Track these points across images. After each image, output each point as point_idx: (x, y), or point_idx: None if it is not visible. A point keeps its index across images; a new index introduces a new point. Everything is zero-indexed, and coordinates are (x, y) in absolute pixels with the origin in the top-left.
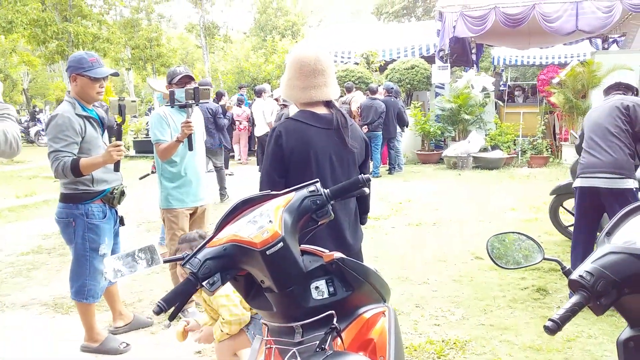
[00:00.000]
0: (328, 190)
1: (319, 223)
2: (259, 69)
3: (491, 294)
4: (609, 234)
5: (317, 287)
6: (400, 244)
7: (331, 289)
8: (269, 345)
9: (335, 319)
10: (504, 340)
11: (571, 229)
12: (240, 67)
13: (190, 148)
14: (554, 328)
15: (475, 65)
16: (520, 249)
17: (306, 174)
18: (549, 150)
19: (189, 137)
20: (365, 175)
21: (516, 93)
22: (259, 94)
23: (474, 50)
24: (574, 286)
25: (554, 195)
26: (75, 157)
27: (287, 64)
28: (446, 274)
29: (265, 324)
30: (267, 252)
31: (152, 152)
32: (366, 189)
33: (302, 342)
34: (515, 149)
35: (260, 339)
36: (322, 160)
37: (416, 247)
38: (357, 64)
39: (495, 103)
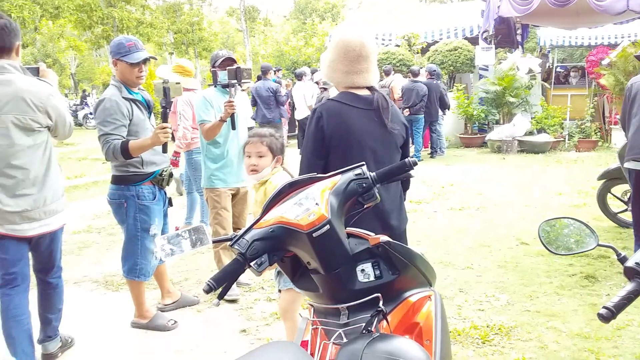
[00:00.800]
0: (374, 173)
1: (365, 206)
2: (299, 52)
3: (537, 280)
4: None
5: (363, 270)
6: (442, 228)
7: (377, 272)
8: (315, 326)
9: (381, 302)
10: (550, 327)
11: (620, 215)
12: (280, 50)
13: (233, 127)
14: (608, 316)
15: (520, 47)
16: (572, 234)
17: (348, 156)
18: (598, 133)
19: (232, 117)
20: (412, 159)
21: (572, 74)
22: (299, 77)
23: (519, 31)
24: (630, 274)
25: (602, 181)
26: (124, 139)
27: (331, 45)
28: (490, 259)
29: (311, 305)
30: (314, 235)
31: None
32: (412, 173)
33: (348, 324)
34: (562, 133)
35: (306, 320)
36: (364, 142)
37: (459, 232)
38: (398, 46)
39: (542, 85)
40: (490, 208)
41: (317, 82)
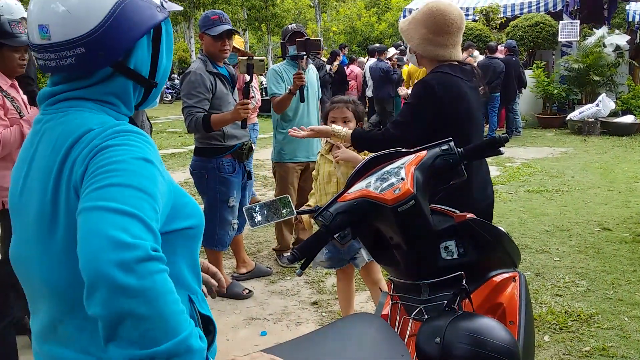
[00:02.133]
0: (462, 149)
1: (451, 183)
2: (371, 28)
3: (620, 268)
4: None
5: (446, 247)
6: (519, 211)
7: (461, 250)
8: (394, 301)
9: (464, 280)
10: (633, 316)
11: None
12: (352, 26)
13: (302, 99)
14: None
15: (607, 23)
16: None
17: (464, 132)
18: None
19: (301, 89)
20: (503, 135)
21: None
22: (372, 53)
23: (606, 6)
24: None
25: None
26: (206, 112)
27: (423, 17)
28: (569, 243)
29: (391, 280)
30: (399, 209)
31: (270, 111)
32: (503, 150)
33: (429, 301)
34: None
35: (387, 294)
36: (473, 114)
37: (536, 215)
38: (475, 21)
39: (630, 63)
40: (569, 191)
41: (389, 59)
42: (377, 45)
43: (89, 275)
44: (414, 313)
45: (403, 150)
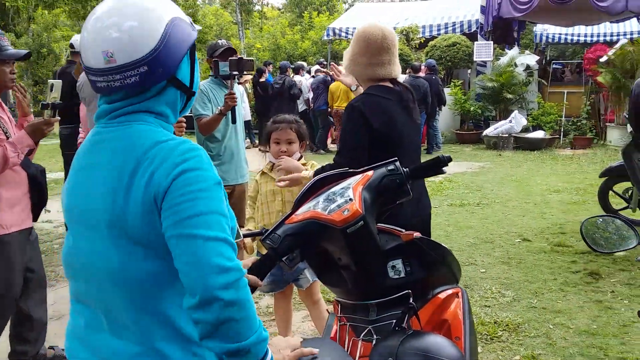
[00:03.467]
0: (407, 169)
1: (397, 202)
2: (295, 46)
3: (542, 277)
4: None
5: (393, 267)
6: (444, 224)
7: (408, 269)
8: (342, 323)
9: (411, 298)
10: (557, 323)
11: (622, 213)
12: (276, 43)
13: (234, 121)
14: None
15: (517, 43)
16: (613, 232)
17: (391, 150)
18: (594, 131)
19: (232, 110)
20: (447, 155)
21: (565, 71)
22: (297, 70)
23: (516, 28)
24: None
25: (604, 178)
26: None
27: (353, 39)
28: (493, 255)
29: (338, 301)
30: (348, 230)
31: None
32: (445, 169)
33: (377, 321)
34: (557, 130)
35: (334, 316)
36: (404, 135)
37: (461, 228)
38: None
39: (539, 82)
40: (489, 204)
41: (313, 76)
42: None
43: (201, 295)
44: (362, 334)
45: (350, 170)
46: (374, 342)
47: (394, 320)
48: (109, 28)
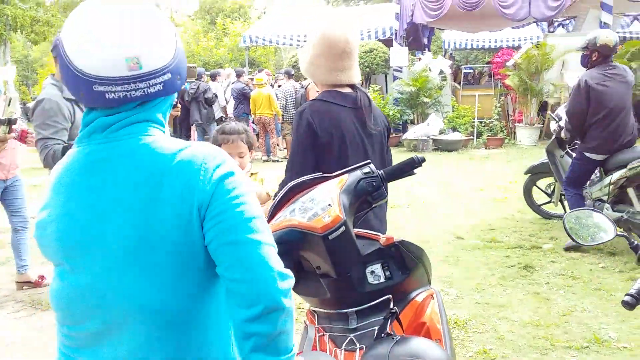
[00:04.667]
0: (382, 171)
1: (373, 206)
2: (210, 53)
3: (480, 273)
4: None
5: (372, 272)
6: None
7: (387, 273)
8: (320, 334)
9: (392, 303)
10: (502, 317)
11: (544, 207)
12: (191, 50)
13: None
14: (633, 302)
15: (427, 49)
16: (593, 225)
17: (343, 156)
18: (504, 131)
19: (174, 120)
20: (420, 156)
21: (483, 74)
22: (213, 77)
23: (426, 34)
24: None
25: (528, 175)
26: (65, 144)
27: (311, 40)
28: (432, 254)
29: (314, 312)
30: (329, 237)
31: None
32: (416, 171)
33: (357, 329)
34: (472, 131)
35: (313, 327)
36: (355, 141)
37: (397, 229)
38: None
39: (452, 86)
40: (419, 205)
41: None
42: (238, 68)
43: (266, 304)
44: (344, 343)
45: (324, 175)
46: (357, 351)
47: (377, 327)
48: (133, 30)
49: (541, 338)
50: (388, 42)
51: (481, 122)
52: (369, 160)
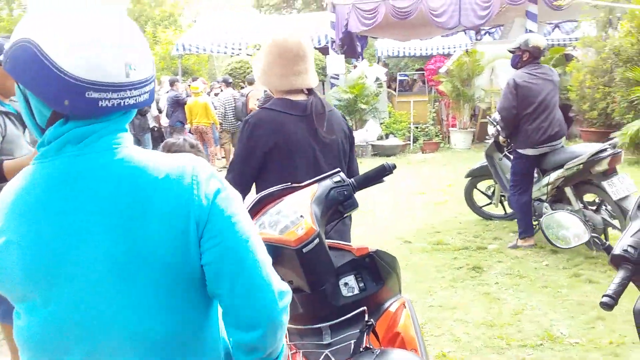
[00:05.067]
0: (353, 179)
1: (344, 215)
2: None
3: (431, 276)
4: None
5: (346, 284)
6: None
7: (361, 285)
8: (293, 351)
9: (366, 315)
10: (457, 319)
11: (485, 209)
12: None
13: None
14: (611, 303)
15: (361, 57)
16: (569, 228)
17: (288, 167)
18: (439, 136)
19: None
20: (391, 162)
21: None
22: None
23: (360, 42)
24: (617, 261)
25: (469, 178)
26: None
27: (263, 48)
28: None
29: None
30: (304, 250)
31: None
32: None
33: (333, 344)
34: (408, 136)
35: (286, 345)
36: (304, 151)
37: None
38: (249, 55)
39: (388, 92)
40: (365, 210)
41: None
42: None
43: (267, 327)
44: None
45: (292, 185)
46: None
47: (353, 341)
48: (130, 36)
49: (496, 338)
50: (323, 50)
51: (417, 127)
52: (338, 169)
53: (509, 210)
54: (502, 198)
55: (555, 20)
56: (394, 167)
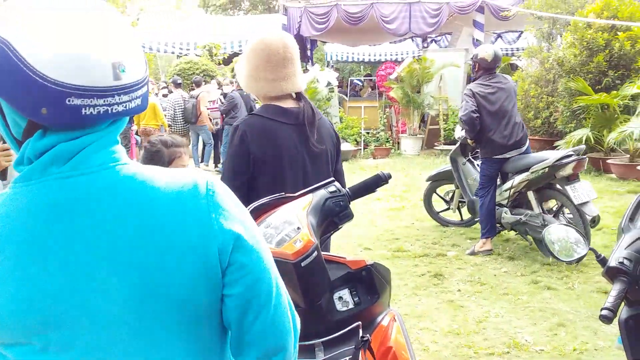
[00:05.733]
0: (348, 189)
1: (339, 226)
2: None
3: (393, 284)
4: (632, 219)
5: (340, 298)
6: None
7: (356, 299)
8: None
9: (361, 330)
10: (423, 328)
11: (442, 214)
12: None
13: (4, 177)
14: (611, 316)
15: (310, 61)
16: (569, 241)
17: (279, 177)
18: (390, 142)
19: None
20: (387, 172)
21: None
22: None
23: (309, 46)
24: (613, 273)
25: (429, 182)
26: None
27: (247, 53)
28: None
29: None
30: (302, 264)
31: None
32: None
33: None
34: (360, 142)
35: None
36: (294, 160)
37: None
38: (198, 55)
39: (339, 97)
40: None
41: None
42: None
43: (289, 342)
44: None
45: (286, 195)
46: None
47: (347, 358)
48: (118, 32)
49: (464, 346)
50: None
51: (368, 133)
52: (332, 179)
53: (466, 217)
54: (460, 204)
55: (499, 30)
56: (390, 176)
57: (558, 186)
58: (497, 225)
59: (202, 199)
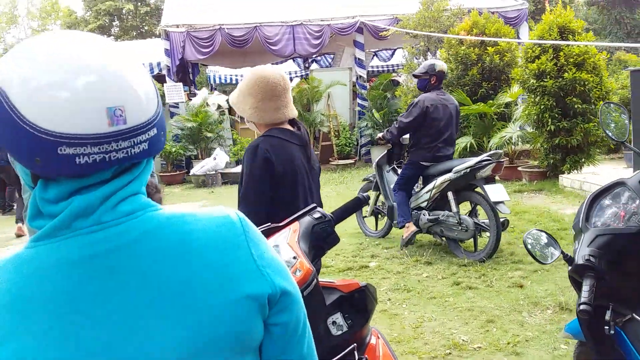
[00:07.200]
0: (331, 214)
1: (325, 251)
2: None
3: None
4: (587, 219)
5: (334, 322)
6: None
7: (349, 322)
8: None
9: (356, 353)
10: (392, 340)
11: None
12: None
13: None
14: (589, 310)
15: (193, 84)
16: (544, 244)
17: (292, 191)
18: None
19: None
20: (366, 194)
21: None
22: None
23: (191, 69)
24: (581, 270)
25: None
26: None
27: (248, 88)
28: None
29: None
30: (304, 293)
31: None
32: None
33: None
34: None
35: None
36: (302, 176)
37: None
38: None
39: (231, 120)
40: None
41: None
42: None
43: None
44: None
45: (272, 226)
46: None
47: None
48: (117, 70)
49: (407, 353)
50: (157, 78)
51: None
52: (314, 205)
53: (381, 227)
54: (379, 216)
55: (375, 49)
56: (369, 198)
57: (476, 189)
58: (416, 228)
59: (240, 239)
